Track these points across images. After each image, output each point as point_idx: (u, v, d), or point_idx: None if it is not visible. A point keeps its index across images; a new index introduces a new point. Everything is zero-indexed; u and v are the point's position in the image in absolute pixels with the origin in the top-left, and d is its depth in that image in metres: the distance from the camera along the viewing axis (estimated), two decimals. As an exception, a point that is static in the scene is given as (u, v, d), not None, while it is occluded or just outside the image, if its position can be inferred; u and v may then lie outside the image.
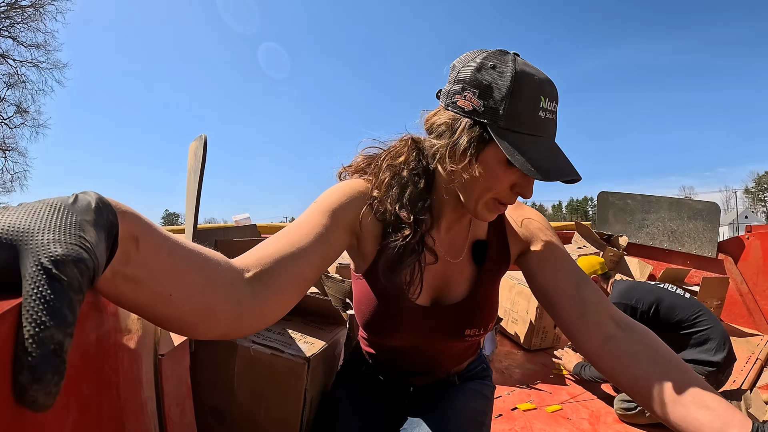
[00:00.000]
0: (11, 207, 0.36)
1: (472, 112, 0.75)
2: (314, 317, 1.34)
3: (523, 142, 0.72)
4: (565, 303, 0.83)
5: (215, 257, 0.56)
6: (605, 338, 0.76)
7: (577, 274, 0.86)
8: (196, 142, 1.44)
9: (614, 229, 4.49)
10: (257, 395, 1.12)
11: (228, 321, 0.56)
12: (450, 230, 0.93)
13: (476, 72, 0.75)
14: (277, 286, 0.64)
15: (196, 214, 1.35)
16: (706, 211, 3.91)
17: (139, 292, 0.46)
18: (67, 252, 0.32)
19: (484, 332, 0.96)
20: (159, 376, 0.78)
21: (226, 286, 0.56)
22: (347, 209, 0.82)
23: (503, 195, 0.79)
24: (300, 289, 0.70)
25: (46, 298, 0.30)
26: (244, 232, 3.50)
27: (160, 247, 0.47)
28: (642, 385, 0.69)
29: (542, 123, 0.74)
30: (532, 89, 0.73)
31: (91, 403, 0.44)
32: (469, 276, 0.94)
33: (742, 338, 3.23)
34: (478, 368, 1.17)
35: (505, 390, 2.35)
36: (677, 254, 4.05)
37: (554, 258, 0.89)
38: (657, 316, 2.32)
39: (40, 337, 0.29)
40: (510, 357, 2.86)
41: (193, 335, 0.57)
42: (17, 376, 0.29)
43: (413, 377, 1.09)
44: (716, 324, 2.29)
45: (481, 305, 0.94)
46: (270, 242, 0.70)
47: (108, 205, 0.40)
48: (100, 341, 0.47)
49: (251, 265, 0.62)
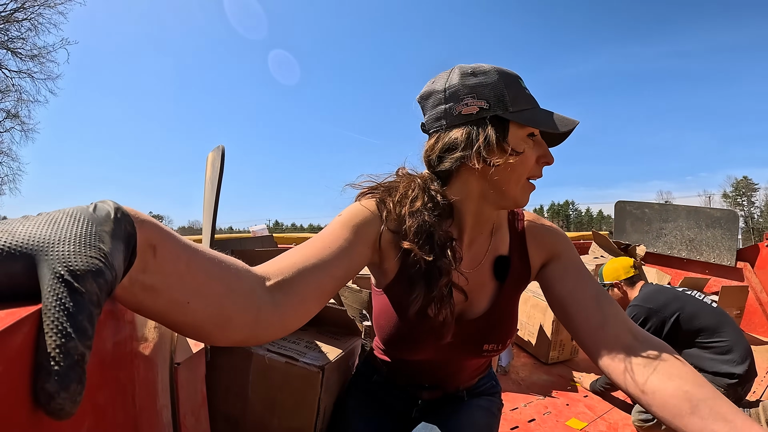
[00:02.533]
0: (31, 216, 0.36)
1: (480, 112, 0.81)
2: (330, 327, 1.34)
3: (532, 115, 0.82)
4: (583, 314, 0.82)
5: (235, 265, 0.56)
6: (622, 349, 0.76)
7: (596, 285, 0.86)
8: (214, 153, 1.45)
9: (632, 238, 4.45)
10: (271, 403, 1.12)
11: (246, 329, 0.56)
12: (471, 246, 0.94)
13: (461, 82, 0.83)
14: (298, 295, 0.64)
15: (214, 224, 1.36)
16: (725, 219, 3.86)
17: (157, 300, 0.46)
18: (87, 266, 0.33)
19: (502, 348, 0.96)
20: (174, 385, 0.78)
21: (245, 295, 0.56)
22: (370, 225, 0.83)
23: (534, 171, 0.85)
24: (320, 301, 0.70)
25: (69, 310, 0.30)
26: (261, 242, 3.52)
27: (178, 256, 0.47)
28: (658, 398, 0.68)
29: (530, 97, 0.84)
30: (512, 77, 0.83)
31: (106, 410, 0.44)
32: (491, 291, 0.95)
33: (762, 347, 3.16)
34: (488, 384, 1.18)
35: (522, 401, 2.32)
36: (695, 263, 4.00)
37: (573, 269, 0.90)
38: (678, 322, 2.26)
39: (66, 347, 0.29)
40: (526, 368, 2.82)
41: (210, 342, 0.57)
42: (44, 383, 0.29)
43: (423, 390, 1.10)
44: (740, 336, 2.23)
45: (501, 321, 0.94)
46: (292, 253, 0.70)
47: (126, 215, 0.40)
48: (116, 349, 0.48)
49: (273, 273, 0.62)
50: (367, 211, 0.84)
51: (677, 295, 2.38)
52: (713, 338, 2.22)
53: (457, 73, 0.83)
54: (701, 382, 0.68)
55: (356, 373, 1.22)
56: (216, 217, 1.36)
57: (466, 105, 0.82)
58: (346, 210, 0.85)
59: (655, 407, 0.69)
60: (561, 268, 0.91)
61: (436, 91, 0.85)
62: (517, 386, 2.54)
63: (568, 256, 0.93)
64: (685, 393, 0.65)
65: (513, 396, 2.38)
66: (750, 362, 2.16)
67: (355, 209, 0.84)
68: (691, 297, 2.37)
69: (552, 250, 0.94)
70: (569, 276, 0.89)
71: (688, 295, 2.39)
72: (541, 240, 0.96)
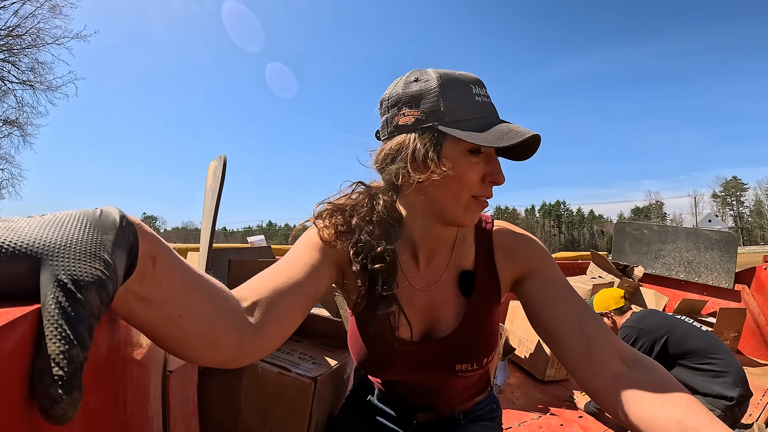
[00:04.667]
0: (37, 216, 0.36)
1: (415, 122, 0.77)
2: (325, 339, 1.34)
3: (473, 126, 0.74)
4: (568, 340, 0.77)
5: (220, 286, 0.58)
6: (611, 378, 0.71)
7: (579, 306, 0.80)
8: (216, 162, 1.46)
9: (630, 259, 4.44)
10: (263, 414, 1.12)
11: (231, 349, 0.57)
12: (430, 262, 0.90)
13: (403, 90, 0.79)
14: (275, 314, 0.65)
15: (213, 232, 1.37)
16: (723, 241, 3.86)
17: (149, 311, 0.46)
18: (91, 277, 0.33)
19: (478, 368, 0.91)
20: (166, 392, 0.78)
21: (231, 315, 0.57)
22: (333, 245, 0.83)
23: (478, 189, 0.78)
24: (296, 318, 0.71)
25: (70, 318, 0.31)
26: (259, 253, 3.52)
27: (174, 270, 0.48)
28: (651, 426, 0.64)
29: (482, 106, 0.77)
30: (459, 83, 0.76)
31: (97, 415, 0.44)
32: (457, 308, 0.90)
33: (758, 369, 3.14)
34: (487, 408, 1.12)
35: (516, 420, 2.30)
36: (693, 285, 3.98)
37: (552, 289, 0.84)
38: (667, 344, 2.32)
39: (70, 354, 0.30)
40: (522, 387, 2.80)
41: (195, 361, 0.57)
42: (48, 388, 0.29)
43: (416, 412, 1.07)
44: (732, 358, 2.26)
45: (472, 339, 0.89)
46: (264, 274, 0.72)
47: (131, 225, 0.40)
48: (109, 354, 0.48)
49: (248, 295, 0.64)
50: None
51: (667, 318, 2.44)
52: (704, 360, 2.25)
53: (404, 79, 0.80)
54: (696, 408, 0.64)
55: (353, 390, 1.21)
56: (215, 226, 1.37)
57: (403, 115, 0.78)
58: (309, 231, 0.86)
59: None
60: (538, 287, 0.85)
61: (384, 98, 0.82)
62: (511, 405, 2.51)
63: (545, 274, 0.86)
64: (679, 422, 0.62)
65: (508, 414, 2.36)
66: (744, 384, 2.17)
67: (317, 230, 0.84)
68: (680, 321, 2.44)
69: (526, 266, 0.88)
70: (547, 296, 0.83)
71: (678, 319, 2.45)
72: (512, 253, 0.89)
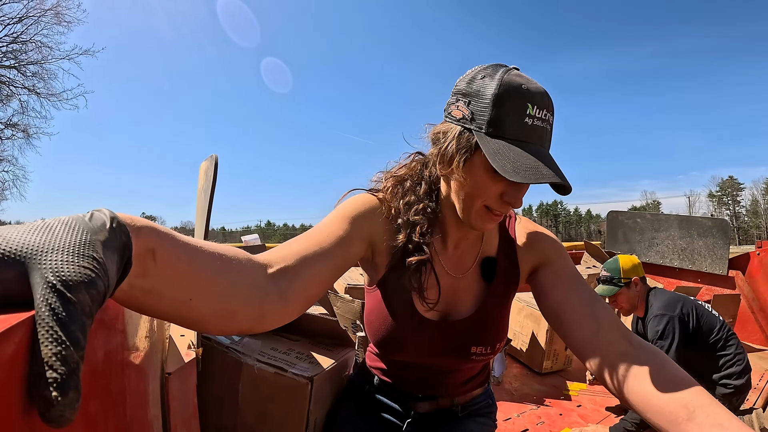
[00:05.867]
0: (27, 223, 0.36)
1: (461, 119, 0.78)
2: (322, 338, 1.34)
3: (509, 148, 0.73)
4: (578, 321, 0.81)
5: (237, 257, 0.57)
6: (617, 356, 0.74)
7: (590, 292, 0.85)
8: (207, 162, 1.46)
9: (624, 248, 4.47)
10: (261, 414, 1.12)
11: (251, 319, 0.58)
12: (458, 247, 0.94)
13: (469, 83, 0.78)
14: (301, 282, 0.66)
15: (206, 233, 1.37)
16: (716, 228, 3.89)
17: (160, 300, 0.47)
18: (80, 276, 0.33)
19: (491, 352, 0.95)
20: (166, 395, 0.78)
21: (248, 287, 0.57)
22: (365, 219, 0.85)
23: (492, 203, 0.80)
24: (322, 288, 0.72)
25: (63, 320, 0.30)
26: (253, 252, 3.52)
27: (179, 257, 0.48)
28: (655, 404, 0.67)
29: (530, 129, 0.74)
30: (518, 96, 0.73)
31: (97, 421, 0.44)
32: (478, 293, 0.94)
33: (754, 354, 3.18)
34: (483, 403, 1.15)
35: (515, 411, 2.32)
36: (688, 272, 4.02)
37: (566, 276, 0.88)
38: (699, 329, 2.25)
39: (63, 356, 0.30)
40: (520, 378, 2.83)
41: (215, 332, 0.59)
42: (43, 391, 0.29)
43: (416, 402, 1.07)
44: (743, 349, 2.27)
45: (489, 323, 0.94)
46: (293, 242, 0.72)
47: (122, 225, 0.40)
48: (107, 358, 0.48)
49: (276, 261, 0.65)
50: (365, 205, 0.87)
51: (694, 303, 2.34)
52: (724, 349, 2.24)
53: (476, 71, 0.80)
54: (697, 389, 0.67)
55: (349, 383, 1.21)
56: (209, 227, 1.36)
57: (457, 107, 0.80)
58: (347, 202, 0.88)
59: (650, 414, 0.68)
60: (554, 275, 0.90)
61: (458, 81, 0.83)
62: (510, 396, 2.53)
63: (560, 263, 0.91)
64: (682, 399, 0.65)
65: (506, 406, 2.38)
66: (748, 377, 2.19)
67: (355, 202, 0.87)
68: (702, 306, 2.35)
69: (543, 256, 0.93)
70: (562, 283, 0.87)
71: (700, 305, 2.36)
72: (532, 244, 0.95)
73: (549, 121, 0.77)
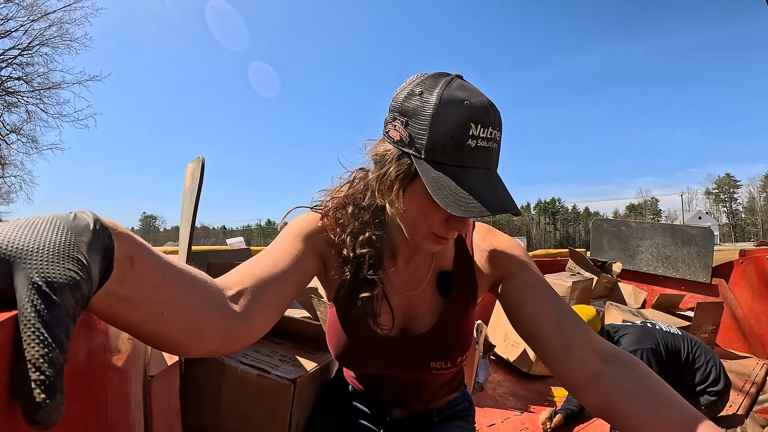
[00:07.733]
0: (11, 221, 0.36)
1: (399, 142, 0.73)
2: (305, 342, 1.34)
3: (450, 176, 0.67)
4: (547, 341, 0.78)
5: (203, 277, 0.58)
6: (590, 375, 0.73)
7: (557, 306, 0.81)
8: (194, 164, 1.45)
9: (608, 255, 4.50)
10: (244, 416, 1.12)
11: (217, 338, 0.58)
12: (410, 261, 0.91)
13: (406, 99, 0.72)
14: (261, 302, 0.66)
15: (191, 235, 1.36)
16: (700, 236, 3.94)
17: (133, 311, 0.46)
18: (65, 279, 0.33)
19: (452, 366, 0.92)
20: (148, 398, 0.78)
21: (215, 305, 0.58)
22: (315, 236, 0.85)
23: (438, 229, 0.76)
24: (282, 306, 0.72)
25: (48, 322, 0.31)
26: (239, 255, 3.49)
27: (154, 268, 0.48)
28: (634, 423, 0.66)
29: (474, 152, 0.68)
30: (459, 116, 0.67)
31: (78, 423, 0.44)
32: (435, 307, 0.92)
33: (737, 362, 3.23)
34: (460, 406, 1.13)
35: (499, 417, 2.32)
36: (671, 280, 4.06)
37: (530, 291, 0.84)
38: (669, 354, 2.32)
39: (49, 358, 0.30)
40: (504, 384, 2.83)
41: (183, 353, 0.58)
42: (30, 393, 0.29)
43: (390, 408, 1.06)
44: (711, 353, 2.34)
45: (448, 337, 0.91)
46: (249, 264, 0.72)
47: (105, 228, 0.40)
48: (89, 360, 0.48)
49: (233, 283, 0.64)
50: (313, 224, 0.86)
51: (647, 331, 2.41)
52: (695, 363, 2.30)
53: (412, 85, 0.73)
54: (677, 401, 0.66)
55: (328, 389, 1.21)
56: (194, 228, 1.36)
57: (394, 127, 0.74)
58: (296, 220, 0.88)
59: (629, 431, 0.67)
60: (516, 289, 0.85)
61: (394, 94, 0.76)
62: (494, 402, 2.54)
63: (521, 275, 0.86)
64: (660, 416, 0.64)
65: (490, 412, 2.39)
66: (725, 378, 2.26)
67: (304, 221, 0.87)
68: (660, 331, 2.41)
69: (504, 268, 0.88)
70: (525, 298, 0.83)
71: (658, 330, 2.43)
72: (491, 258, 0.90)
73: (495, 138, 0.70)
